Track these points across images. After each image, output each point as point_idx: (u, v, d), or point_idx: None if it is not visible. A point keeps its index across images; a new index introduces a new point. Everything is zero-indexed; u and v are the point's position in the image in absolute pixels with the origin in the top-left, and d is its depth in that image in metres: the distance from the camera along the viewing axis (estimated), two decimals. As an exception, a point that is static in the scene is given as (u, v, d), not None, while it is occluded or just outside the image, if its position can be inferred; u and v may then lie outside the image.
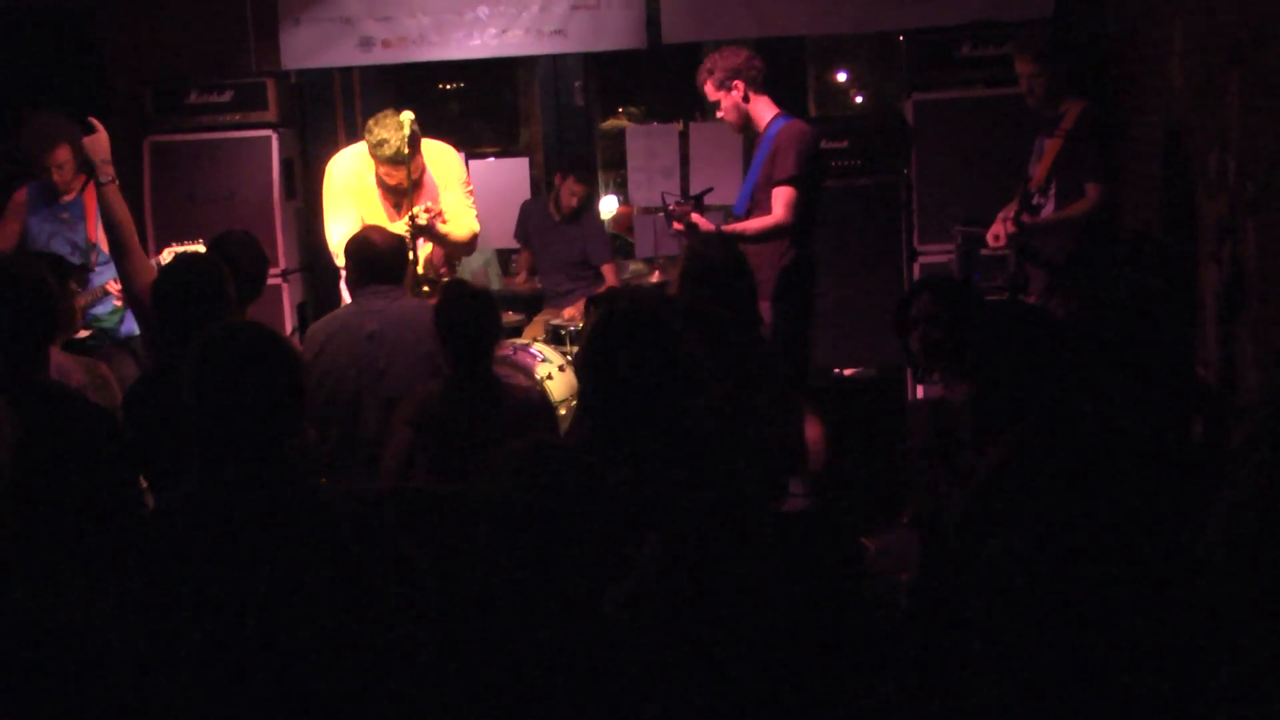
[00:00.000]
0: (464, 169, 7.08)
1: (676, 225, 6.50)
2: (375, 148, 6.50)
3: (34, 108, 7.40)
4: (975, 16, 8.16)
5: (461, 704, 2.96)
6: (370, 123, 6.56)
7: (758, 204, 6.63)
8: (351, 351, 5.59)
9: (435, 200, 6.74)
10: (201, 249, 6.64)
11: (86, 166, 7.19)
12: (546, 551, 3.07)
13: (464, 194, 6.97)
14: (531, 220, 9.32)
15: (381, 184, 6.68)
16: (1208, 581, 2.39)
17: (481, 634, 3.00)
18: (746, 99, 6.68)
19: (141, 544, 3.21)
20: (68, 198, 7.21)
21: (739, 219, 6.64)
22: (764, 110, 6.74)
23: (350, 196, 6.69)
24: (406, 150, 6.46)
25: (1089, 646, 2.31)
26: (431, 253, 6.76)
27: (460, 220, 6.86)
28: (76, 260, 6.92)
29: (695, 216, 6.45)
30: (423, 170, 6.76)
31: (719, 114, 6.82)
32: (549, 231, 9.16)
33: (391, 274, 5.89)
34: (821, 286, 6.93)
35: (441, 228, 6.63)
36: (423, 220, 6.48)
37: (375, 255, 5.84)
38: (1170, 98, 6.66)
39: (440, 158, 6.89)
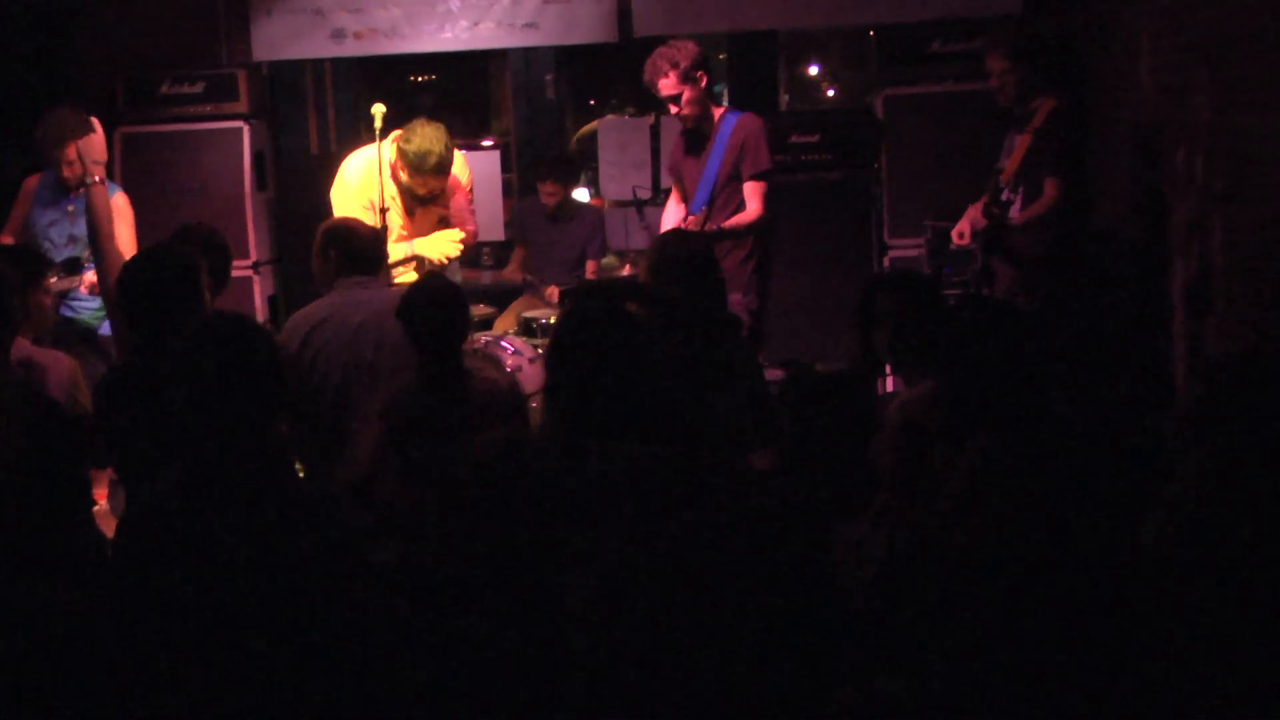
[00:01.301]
0: (468, 171, 7.08)
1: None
2: (418, 159, 6.43)
3: (51, 103, 7.38)
4: (946, 13, 8.20)
5: (432, 696, 2.98)
6: (403, 134, 6.49)
7: (718, 199, 6.63)
8: (339, 343, 5.52)
9: (454, 204, 6.81)
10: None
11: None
12: (511, 546, 3.09)
13: (468, 198, 7.00)
14: (528, 219, 9.34)
15: (407, 193, 6.66)
16: (1150, 575, 2.43)
17: (451, 628, 3.02)
18: (710, 92, 6.69)
19: (124, 535, 3.22)
20: (76, 192, 7.19)
21: (696, 216, 6.62)
22: (713, 106, 6.76)
23: (366, 202, 6.61)
24: (450, 161, 6.50)
25: (1054, 642, 2.34)
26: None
27: (465, 224, 6.92)
28: (70, 252, 6.90)
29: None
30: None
31: (676, 110, 6.69)
32: (551, 229, 9.19)
33: (373, 264, 5.85)
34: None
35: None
36: (455, 252, 6.68)
37: (359, 245, 5.80)
38: (1139, 96, 6.71)
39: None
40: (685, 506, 3.46)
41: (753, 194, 6.56)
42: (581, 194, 10.26)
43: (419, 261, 6.70)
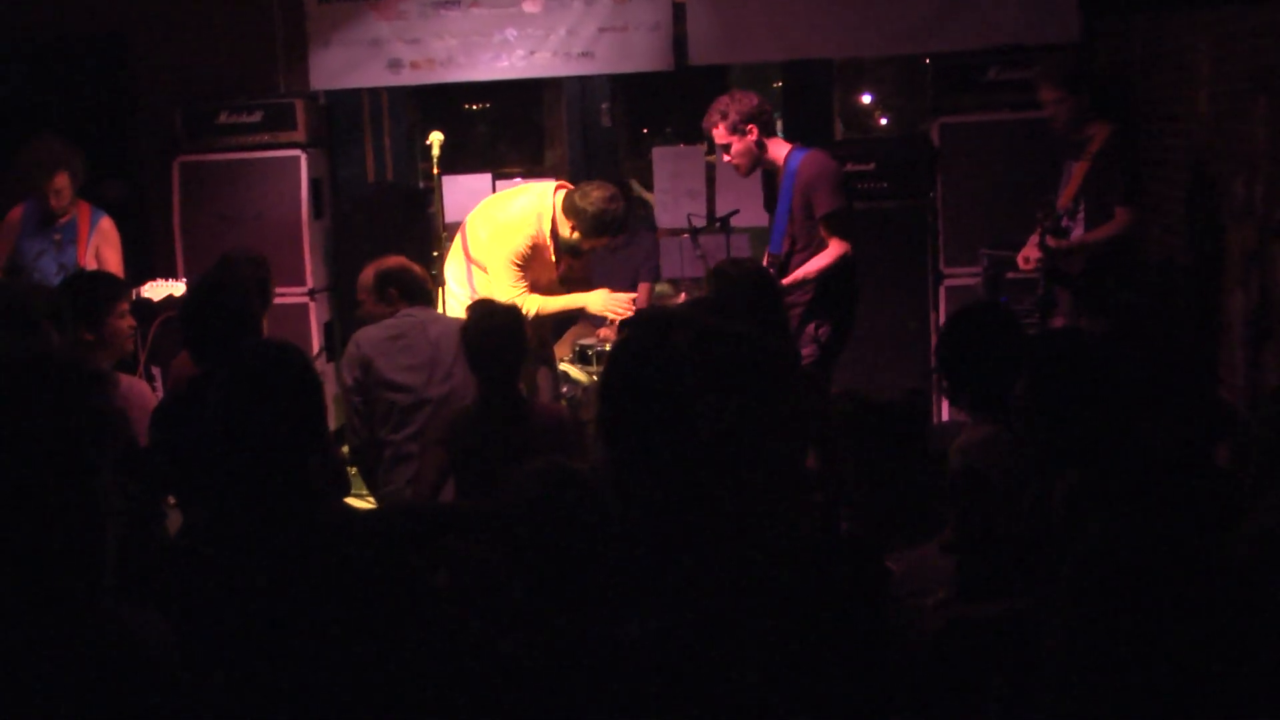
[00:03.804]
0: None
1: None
2: (599, 224, 6.58)
3: (55, 130, 7.48)
4: (1001, 41, 8.18)
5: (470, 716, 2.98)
6: (579, 195, 6.59)
7: (798, 239, 6.61)
8: (416, 353, 5.82)
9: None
10: (182, 287, 6.73)
11: (94, 192, 7.31)
12: (555, 573, 3.08)
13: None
14: None
15: (566, 247, 6.75)
16: (1237, 607, 2.39)
17: (495, 652, 3.02)
18: (760, 144, 6.66)
19: (171, 560, 3.23)
20: (63, 219, 7.28)
21: (776, 257, 6.62)
22: (778, 147, 6.71)
23: (528, 262, 6.69)
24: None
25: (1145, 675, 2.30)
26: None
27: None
28: (60, 281, 6.96)
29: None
30: None
31: (727, 158, 6.74)
32: (607, 255, 9.19)
33: (430, 299, 6.23)
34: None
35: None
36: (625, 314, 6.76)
37: (417, 282, 6.14)
38: (1196, 123, 6.67)
39: None
40: (741, 539, 3.46)
41: (827, 235, 6.54)
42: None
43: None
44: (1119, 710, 2.23)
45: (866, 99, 13.19)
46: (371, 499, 6.03)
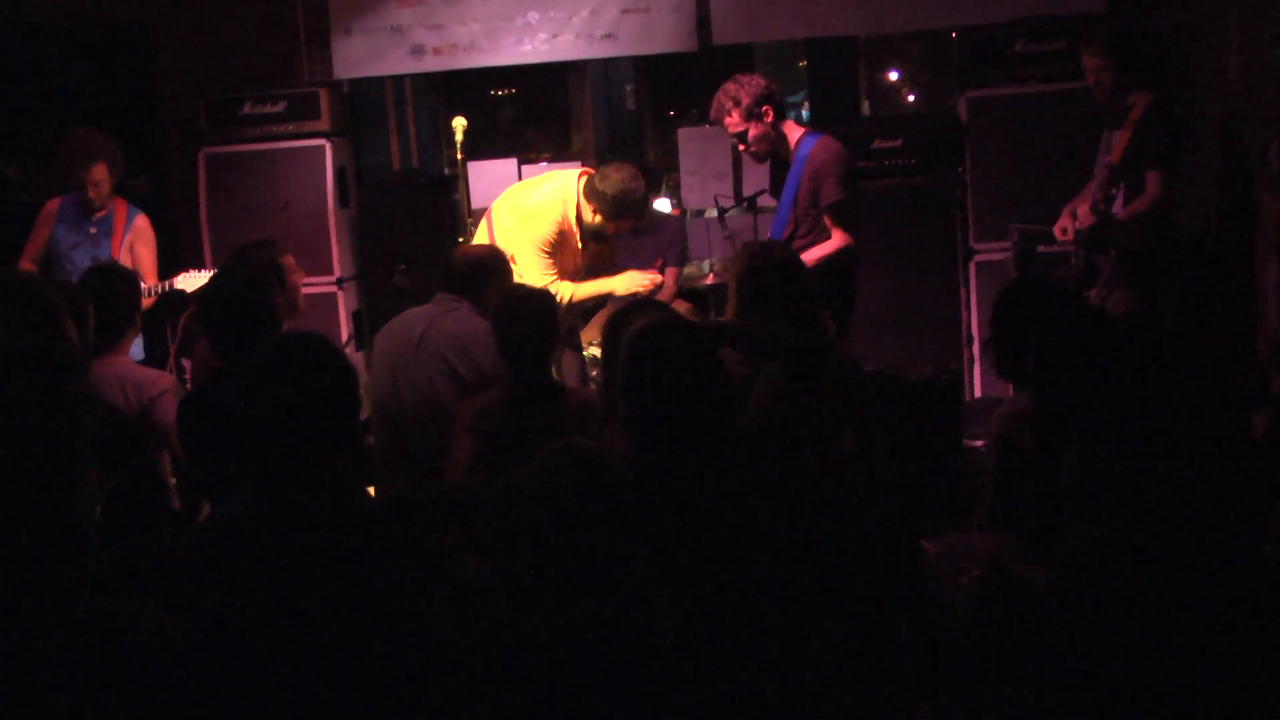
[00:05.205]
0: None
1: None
2: (619, 206, 6.53)
3: (77, 123, 7.50)
4: (1027, 13, 8.12)
5: (496, 704, 2.96)
6: (599, 178, 6.54)
7: (800, 225, 6.52)
8: (385, 354, 5.70)
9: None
10: (207, 275, 6.72)
11: (120, 185, 7.34)
12: (573, 555, 3.06)
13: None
14: None
15: (590, 232, 6.71)
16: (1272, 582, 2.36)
17: (513, 635, 3.00)
18: (776, 126, 6.53)
19: (195, 556, 3.22)
20: (99, 214, 7.33)
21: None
22: (791, 131, 6.56)
23: (555, 249, 6.66)
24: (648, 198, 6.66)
25: (1161, 652, 2.27)
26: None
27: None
28: None
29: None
30: None
31: (743, 148, 6.59)
32: (632, 240, 9.16)
33: (462, 287, 5.93)
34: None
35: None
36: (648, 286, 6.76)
37: (460, 271, 5.89)
38: (1227, 91, 6.61)
39: None
40: (773, 519, 3.44)
41: (831, 226, 6.41)
42: (663, 204, 10.22)
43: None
44: (1146, 694, 2.20)
45: (893, 76, 13.11)
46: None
